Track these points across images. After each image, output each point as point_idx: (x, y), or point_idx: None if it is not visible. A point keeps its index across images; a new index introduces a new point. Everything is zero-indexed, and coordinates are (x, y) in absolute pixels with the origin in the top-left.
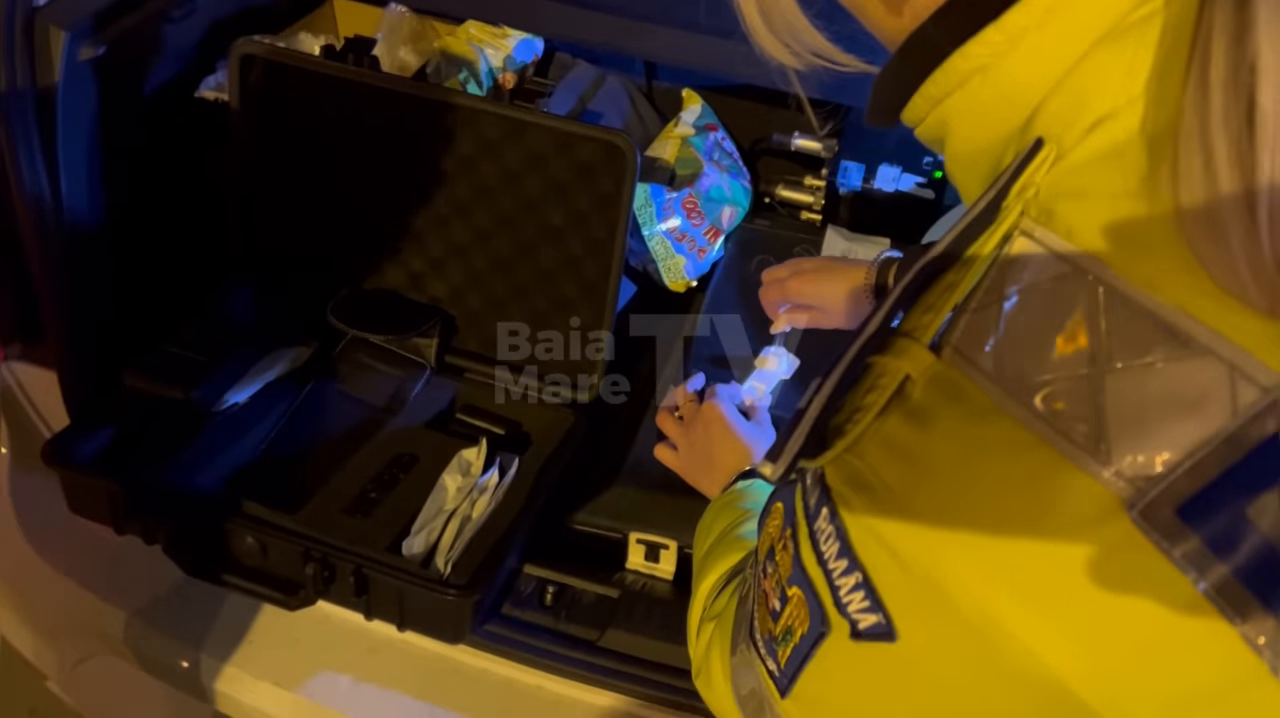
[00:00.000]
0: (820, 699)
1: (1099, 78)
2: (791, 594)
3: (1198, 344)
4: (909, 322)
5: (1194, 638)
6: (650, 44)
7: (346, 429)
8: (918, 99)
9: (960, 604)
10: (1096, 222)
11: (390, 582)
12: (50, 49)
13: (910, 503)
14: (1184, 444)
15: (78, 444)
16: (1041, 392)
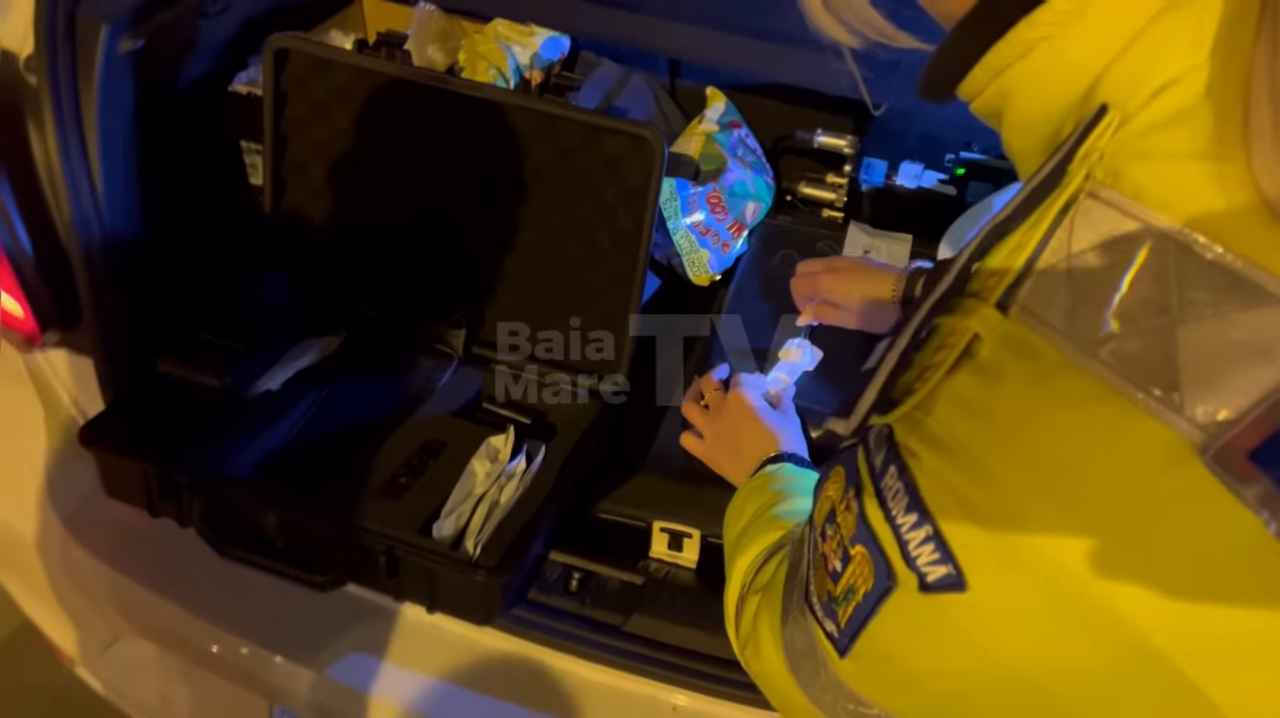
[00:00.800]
0: (883, 656)
1: (1164, 44)
2: (855, 553)
3: (1268, 294)
4: (976, 283)
5: (1266, 578)
6: (674, 41)
7: (376, 416)
8: (979, 70)
9: (1036, 553)
10: (1164, 180)
11: (421, 563)
12: (91, 41)
13: (982, 456)
14: (1255, 391)
15: (114, 428)
16: (1111, 344)
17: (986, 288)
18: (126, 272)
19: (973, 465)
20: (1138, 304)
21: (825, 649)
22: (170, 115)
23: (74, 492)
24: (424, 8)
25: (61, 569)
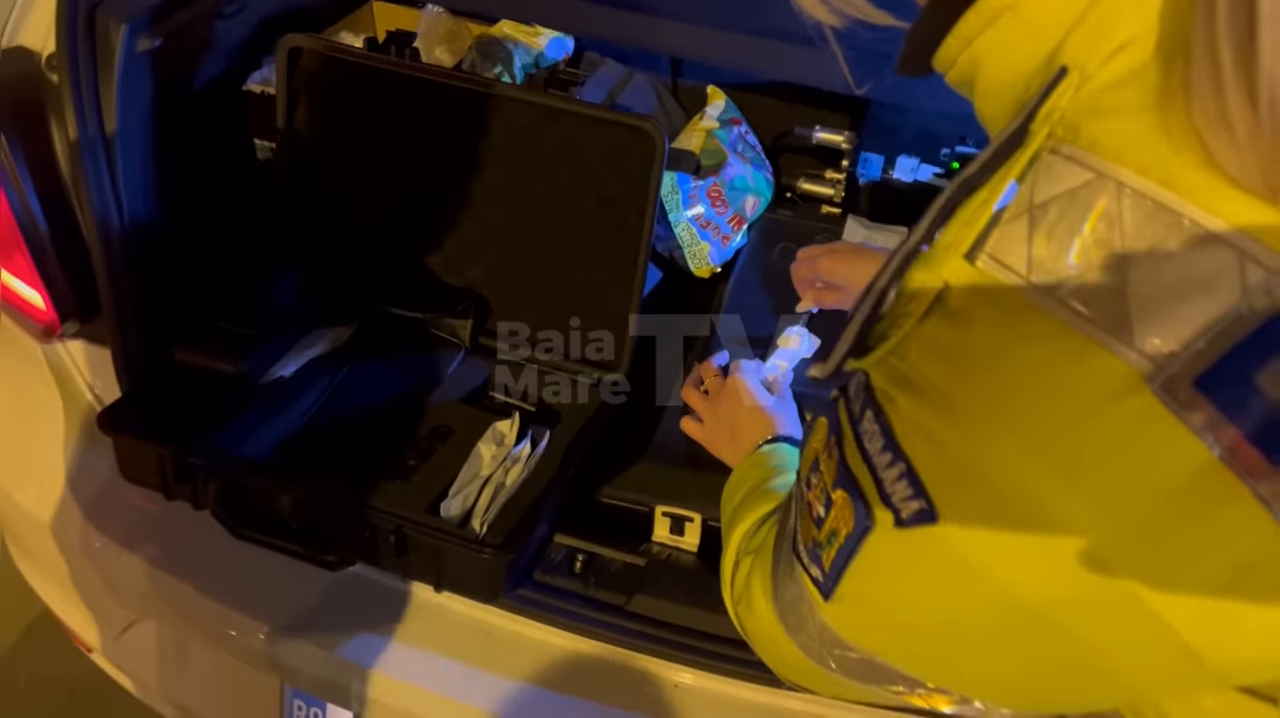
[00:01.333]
0: (863, 597)
1: (1118, 9)
2: (836, 498)
3: (1210, 234)
4: (946, 236)
5: (1211, 499)
6: (675, 40)
7: (385, 403)
8: (951, 40)
9: (998, 482)
10: (1117, 133)
11: (429, 542)
12: (110, 40)
13: (951, 394)
14: (1199, 323)
15: (131, 413)
16: (1069, 285)
17: (956, 240)
18: (144, 262)
19: (942, 403)
20: (1093, 247)
21: (811, 595)
22: (186, 112)
23: (91, 478)
24: (431, 10)
25: (79, 553)
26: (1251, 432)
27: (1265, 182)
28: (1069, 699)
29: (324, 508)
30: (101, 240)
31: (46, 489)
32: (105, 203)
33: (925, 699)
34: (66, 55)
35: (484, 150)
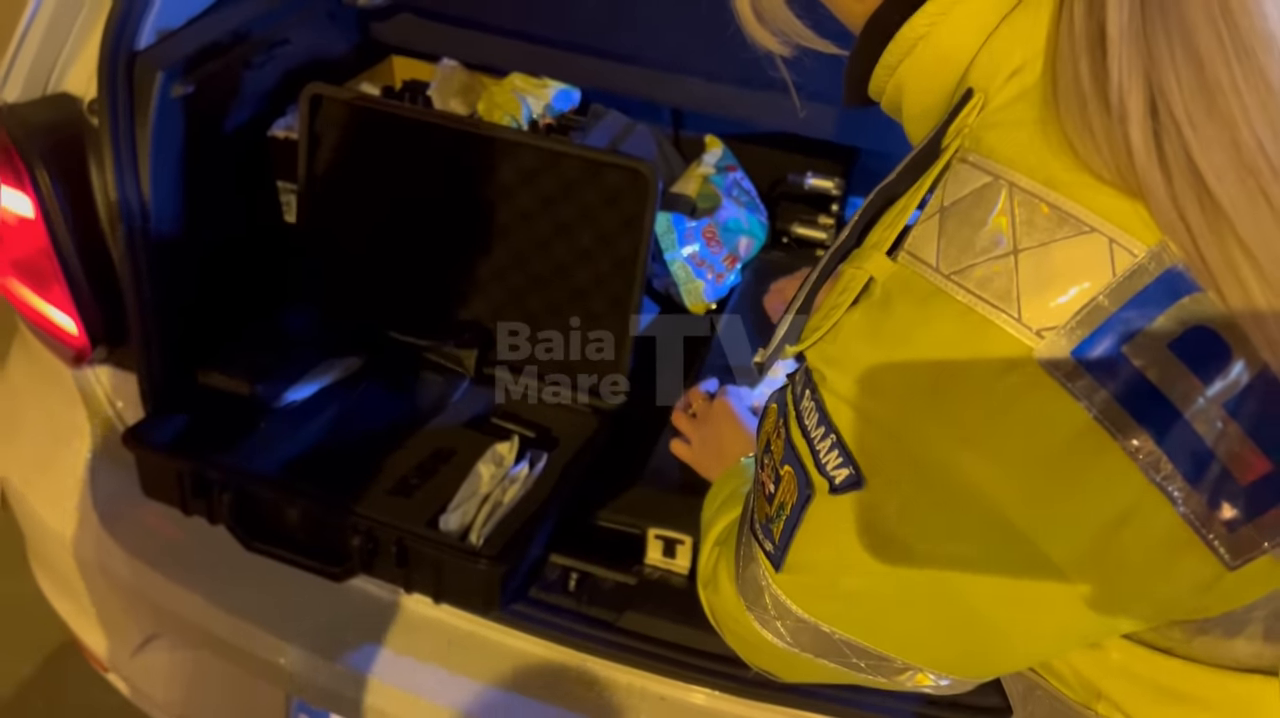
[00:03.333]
0: (808, 565)
1: (1013, 39)
2: (784, 474)
3: (1085, 225)
4: (872, 237)
5: (1090, 456)
6: (675, 92)
7: (392, 427)
8: (879, 70)
9: (913, 447)
10: (1009, 142)
11: (428, 553)
12: (147, 86)
13: (872, 369)
14: (1077, 300)
15: (153, 431)
16: (970, 272)
17: (880, 240)
18: (170, 292)
19: (865, 378)
20: (990, 240)
21: (765, 568)
22: (215, 154)
23: (113, 496)
24: (447, 64)
25: (99, 568)
26: (1120, 394)
27: (1121, 178)
28: (992, 659)
29: (330, 521)
30: (132, 271)
31: (70, 506)
32: (136, 237)
33: (898, 680)
34: (107, 100)
35: (490, 191)
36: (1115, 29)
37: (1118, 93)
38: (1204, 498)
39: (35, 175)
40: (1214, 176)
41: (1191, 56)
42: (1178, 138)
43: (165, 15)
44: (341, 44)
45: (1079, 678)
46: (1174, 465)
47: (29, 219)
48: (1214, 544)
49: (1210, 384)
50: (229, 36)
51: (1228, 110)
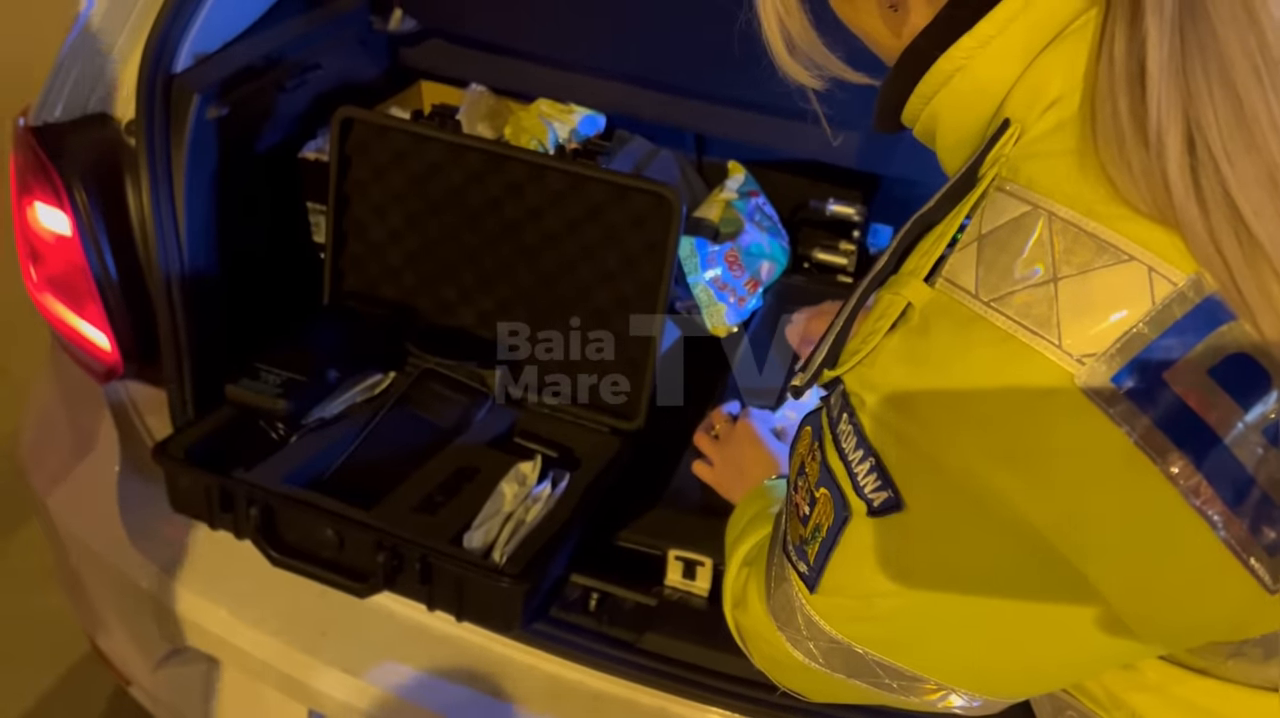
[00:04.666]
0: (845, 587)
1: (1051, 71)
2: (819, 496)
3: (1125, 254)
4: (909, 264)
5: (1129, 479)
6: (700, 119)
7: (417, 446)
8: (913, 99)
9: (953, 470)
10: (1048, 172)
11: (451, 570)
12: (183, 108)
13: (911, 394)
14: (1117, 328)
15: (181, 446)
16: (1010, 299)
17: (917, 267)
18: (201, 309)
19: (905, 402)
20: (1029, 268)
21: (799, 590)
22: (247, 175)
23: (141, 510)
24: (475, 89)
25: (123, 581)
26: (1160, 419)
27: (1159, 211)
28: (1027, 680)
29: (354, 537)
30: (165, 289)
31: (98, 520)
32: (170, 256)
33: (928, 701)
34: (144, 121)
35: (517, 213)
36: (1155, 65)
37: (1156, 129)
38: (1245, 523)
39: (73, 194)
40: (1251, 211)
41: (1229, 93)
42: (1215, 173)
43: (202, 39)
44: (372, 69)
45: (1111, 698)
46: (1214, 490)
47: (66, 237)
48: (1254, 568)
49: (1250, 410)
50: (263, 61)
51: (1265, 146)
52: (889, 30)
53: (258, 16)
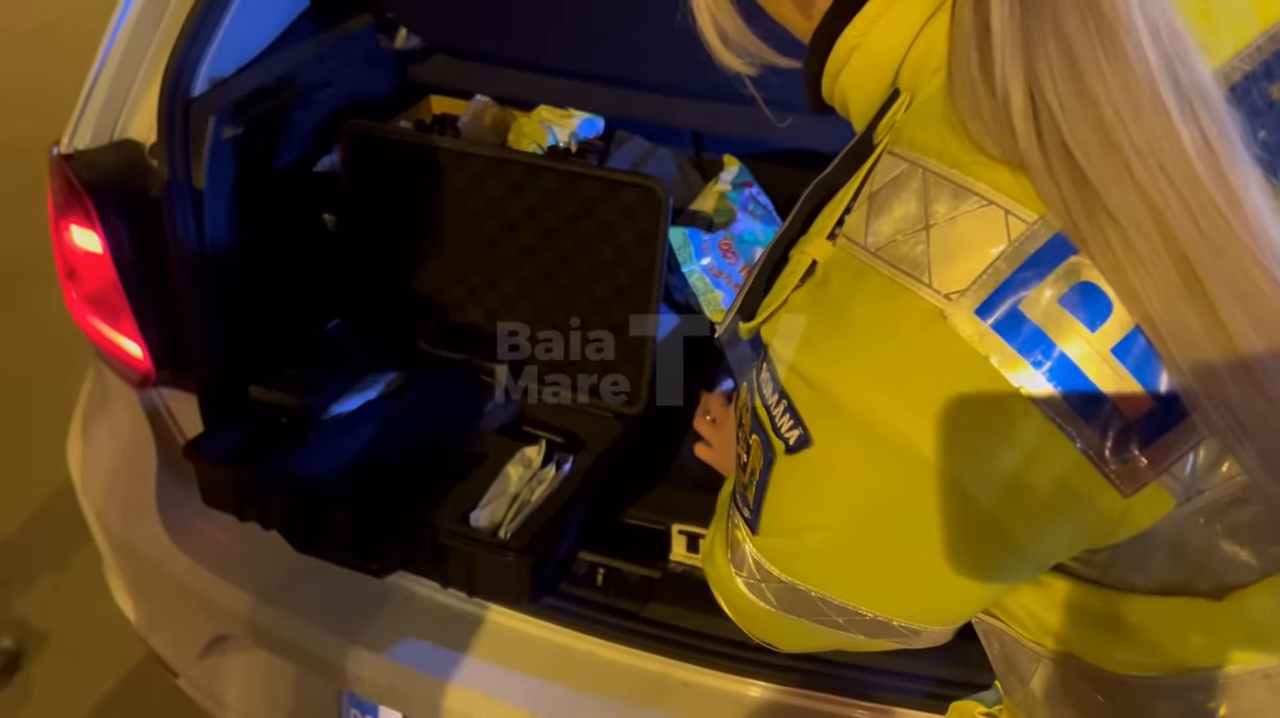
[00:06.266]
0: (779, 526)
1: (934, 41)
2: (752, 442)
3: (985, 199)
4: (816, 224)
5: (993, 398)
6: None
7: (430, 436)
8: (825, 79)
9: (848, 403)
10: (924, 132)
11: (461, 548)
12: (201, 130)
13: (812, 338)
14: (978, 266)
15: (211, 444)
16: (891, 248)
17: (821, 227)
18: (226, 317)
19: (807, 345)
20: (907, 219)
21: (745, 534)
22: (265, 190)
23: (178, 507)
24: (479, 99)
25: (164, 575)
26: (1018, 345)
27: (1009, 155)
28: (945, 602)
29: (370, 521)
30: (191, 299)
31: (141, 518)
32: (194, 268)
33: (879, 641)
34: (165, 143)
35: (516, 212)
36: (998, 23)
37: (1001, 80)
38: (1097, 433)
39: (103, 214)
40: (1081, 153)
41: (1062, 44)
42: (1051, 120)
43: (218, 65)
44: (381, 85)
45: (1034, 618)
46: (1068, 405)
47: (98, 255)
48: (1110, 475)
49: (1093, 329)
50: (275, 82)
51: (1094, 92)
52: (800, 14)
53: (270, 41)
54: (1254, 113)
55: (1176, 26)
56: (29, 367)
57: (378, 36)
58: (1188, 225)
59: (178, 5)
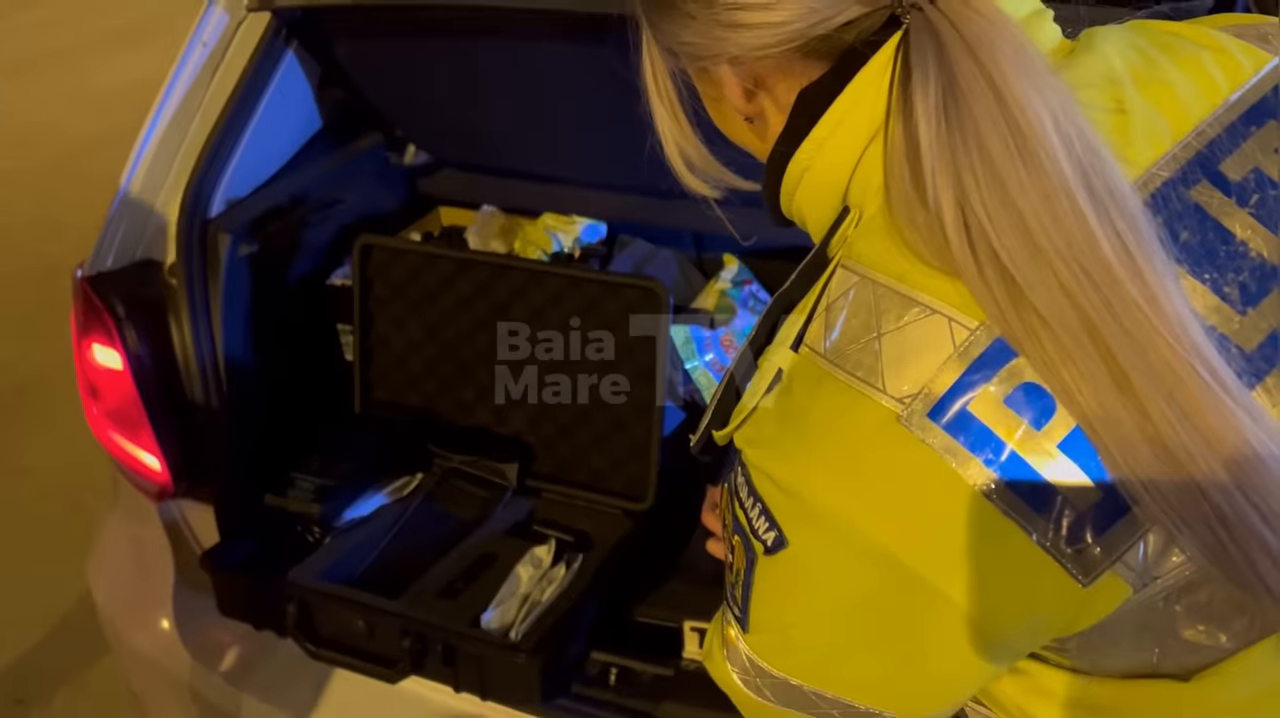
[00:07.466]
0: (765, 623)
1: (873, 164)
2: (735, 543)
3: (929, 308)
4: (779, 334)
5: (952, 497)
6: (694, 218)
7: (440, 538)
8: (782, 197)
9: (816, 506)
10: (871, 247)
11: (472, 651)
12: (218, 248)
13: (779, 444)
14: (927, 371)
15: (227, 554)
16: (847, 356)
17: (785, 338)
18: (242, 429)
19: (776, 451)
20: (860, 328)
21: (737, 632)
22: (279, 303)
23: (193, 616)
24: (486, 209)
25: (181, 687)
26: (969, 444)
27: (941, 262)
28: (930, 693)
29: (382, 625)
30: (208, 413)
31: (157, 628)
32: (211, 382)
33: None
34: (183, 263)
35: (521, 315)
36: (925, 140)
37: (932, 192)
38: (1051, 526)
39: (123, 332)
40: (1008, 259)
41: (985, 159)
42: (980, 228)
43: (234, 186)
44: (391, 199)
45: (1016, 706)
46: (1022, 501)
47: (118, 372)
48: (1067, 566)
49: (1039, 428)
50: (289, 200)
51: (1017, 202)
52: (756, 138)
53: (285, 161)
54: (1175, 216)
55: (1090, 140)
56: (51, 483)
57: (387, 154)
58: (1111, 323)
59: (196, 131)
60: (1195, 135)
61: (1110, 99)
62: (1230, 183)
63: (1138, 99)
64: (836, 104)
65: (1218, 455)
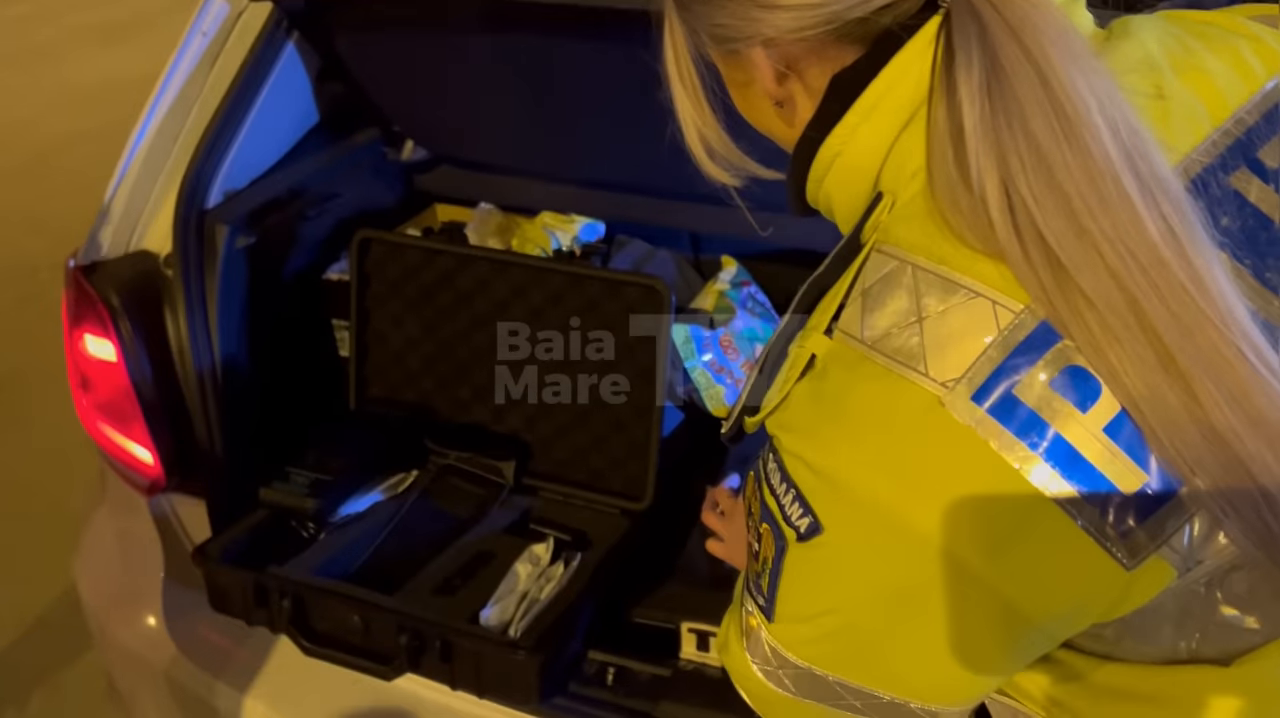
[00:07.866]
0: (794, 612)
1: (911, 147)
2: (763, 531)
3: (973, 292)
4: (812, 320)
5: (997, 481)
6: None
7: (437, 535)
8: (810, 184)
9: (854, 489)
10: (910, 231)
11: (469, 648)
12: (215, 240)
13: (815, 429)
14: (971, 354)
15: (220, 549)
16: (888, 340)
17: (818, 323)
18: (236, 422)
19: (812, 435)
20: (900, 313)
21: (760, 622)
22: (275, 297)
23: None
24: (484, 207)
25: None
26: (1016, 429)
27: (989, 246)
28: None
29: (379, 623)
30: (202, 405)
31: (146, 627)
32: (206, 374)
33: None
34: (179, 254)
35: (521, 313)
36: (970, 124)
37: (977, 175)
38: (1097, 510)
39: (117, 323)
40: (1055, 241)
41: (1031, 142)
42: (1026, 211)
43: (232, 178)
44: (388, 195)
45: (1045, 694)
46: (1068, 484)
47: (112, 363)
48: (1111, 549)
49: (1085, 411)
50: (286, 193)
51: (1063, 186)
52: (783, 123)
53: (282, 154)
54: (1215, 202)
55: (1134, 125)
56: (29, 479)
57: (384, 149)
58: (1158, 306)
59: (194, 122)
60: (1234, 122)
61: (1150, 85)
62: (1268, 170)
63: (1177, 85)
64: (872, 87)
65: (1265, 438)
